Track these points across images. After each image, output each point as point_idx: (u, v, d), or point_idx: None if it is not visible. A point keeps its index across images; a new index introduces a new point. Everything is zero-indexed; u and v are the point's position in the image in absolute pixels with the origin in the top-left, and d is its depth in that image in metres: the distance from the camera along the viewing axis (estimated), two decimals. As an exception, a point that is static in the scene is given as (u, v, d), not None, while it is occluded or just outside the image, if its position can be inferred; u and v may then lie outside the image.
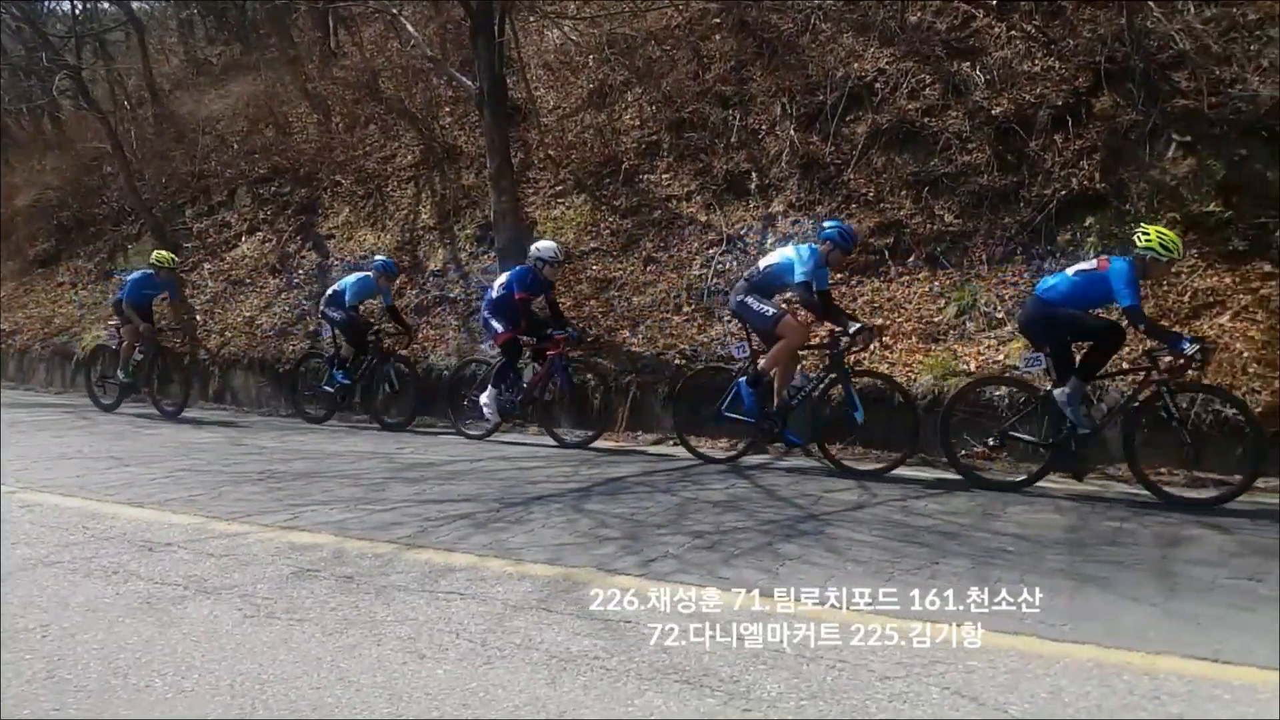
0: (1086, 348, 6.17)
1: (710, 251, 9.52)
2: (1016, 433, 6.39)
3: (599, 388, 8.66)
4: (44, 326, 14.73)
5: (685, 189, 10.17)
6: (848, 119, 9.45)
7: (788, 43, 10.34)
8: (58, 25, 21.25)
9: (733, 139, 10.08)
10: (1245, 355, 6.58)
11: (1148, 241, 5.84)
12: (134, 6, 19.48)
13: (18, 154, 19.43)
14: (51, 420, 10.30)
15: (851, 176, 9.16)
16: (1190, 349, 5.58)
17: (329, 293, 10.02)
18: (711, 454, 7.47)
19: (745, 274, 7.46)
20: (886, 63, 9.52)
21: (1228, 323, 6.86)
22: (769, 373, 7.03)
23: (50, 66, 17.03)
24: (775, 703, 2.89)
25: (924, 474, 6.71)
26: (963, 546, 4.72)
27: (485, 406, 8.51)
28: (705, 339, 8.78)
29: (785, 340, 6.89)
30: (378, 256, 10.39)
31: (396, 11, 12.76)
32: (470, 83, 10.53)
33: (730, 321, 8.73)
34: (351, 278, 9.89)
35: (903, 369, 7.59)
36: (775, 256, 7.11)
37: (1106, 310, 6.22)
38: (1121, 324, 6.10)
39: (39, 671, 3.19)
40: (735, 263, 9.28)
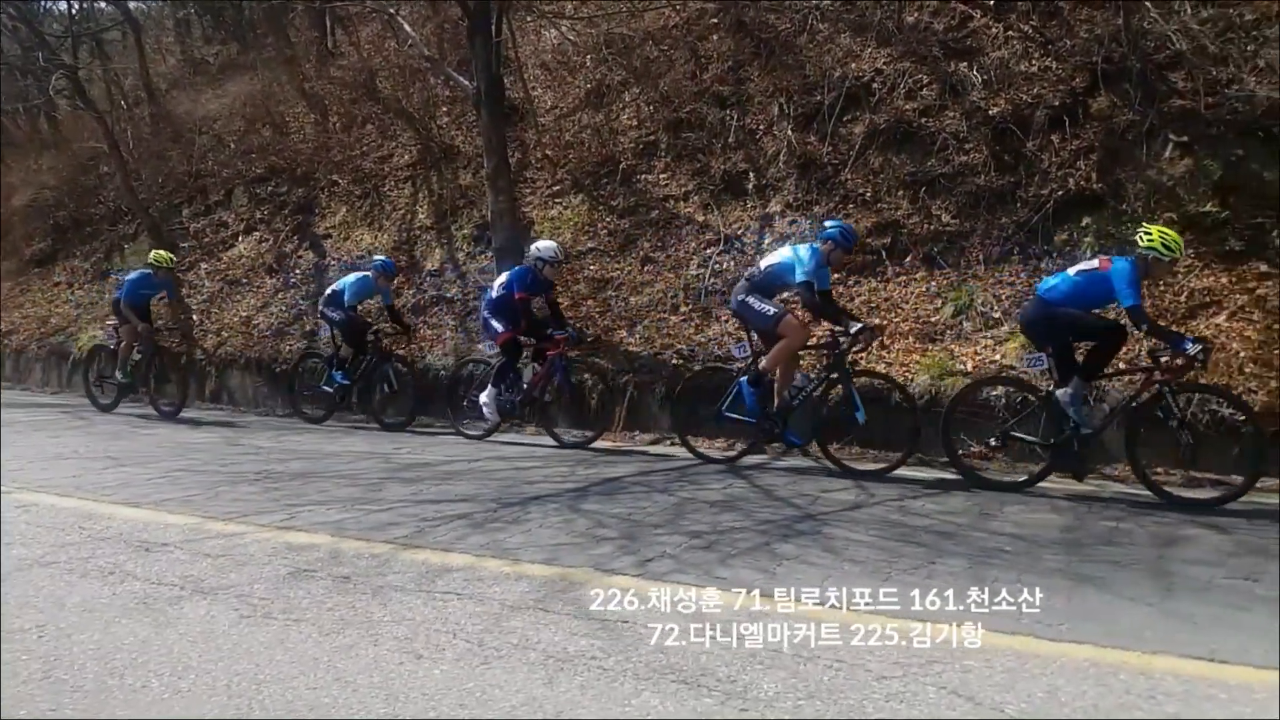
0: (1088, 348, 6.16)
1: (708, 251, 9.52)
2: (1018, 433, 6.37)
3: (597, 387, 8.65)
4: (40, 326, 14.69)
5: (683, 189, 10.18)
6: (845, 119, 9.46)
7: (785, 43, 10.35)
8: (54, 25, 21.21)
9: (730, 139, 10.09)
10: (1242, 355, 6.59)
11: (1150, 241, 5.82)
12: (130, 6, 19.44)
13: (14, 154, 19.37)
14: (48, 420, 10.28)
15: (849, 177, 9.16)
16: (1193, 349, 5.57)
17: (328, 292, 10.00)
18: (713, 455, 7.45)
19: (746, 274, 7.43)
20: (884, 63, 9.53)
21: (1224, 323, 6.87)
22: (770, 372, 7.02)
23: (47, 66, 17.01)
24: (772, 702, 2.89)
25: (926, 474, 6.70)
26: (960, 546, 4.72)
27: (485, 406, 8.50)
28: (702, 339, 8.77)
29: (787, 339, 6.88)
30: (377, 256, 10.36)
31: (394, 11, 12.73)
32: (467, 82, 10.52)
33: (727, 321, 8.73)
34: (350, 277, 9.87)
35: (899, 369, 7.59)
36: (777, 256, 7.08)
37: (1107, 310, 6.20)
38: (1123, 324, 6.09)
39: (35, 672, 3.18)
40: (733, 263, 9.29)
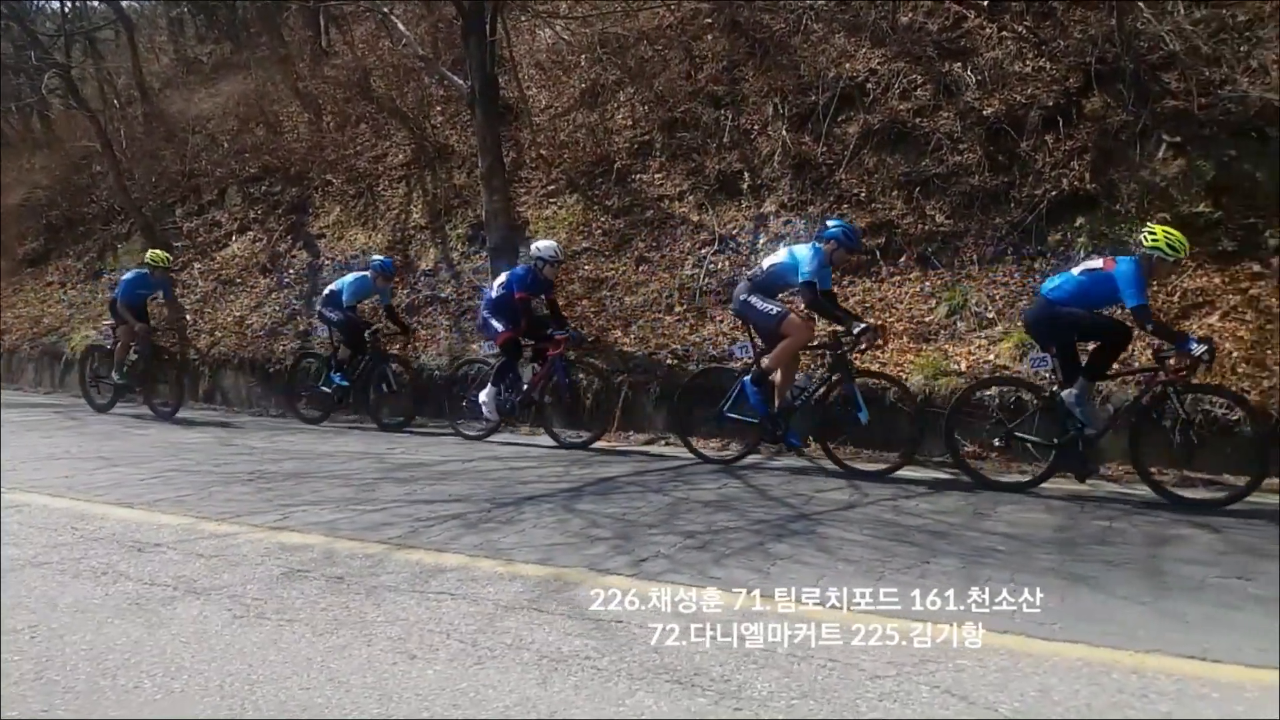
0: (1093, 348, 6.15)
1: (702, 251, 9.52)
2: (1022, 433, 6.34)
3: (596, 388, 8.61)
4: (33, 326, 14.65)
5: (677, 189, 10.18)
6: (839, 119, 9.47)
7: (780, 43, 10.35)
8: (47, 23, 21.17)
9: (725, 139, 10.09)
10: (1234, 355, 6.61)
11: (1154, 241, 5.78)
12: (123, 5, 19.44)
13: (7, 153, 19.30)
14: (40, 420, 10.24)
15: (843, 177, 9.17)
16: (1198, 349, 5.54)
17: (326, 292, 9.94)
18: (714, 455, 7.41)
19: (748, 274, 7.38)
20: (878, 63, 9.54)
21: (1217, 323, 6.89)
22: (773, 372, 6.99)
23: (39, 65, 16.99)
24: (766, 702, 2.89)
25: (929, 475, 6.68)
26: (953, 546, 4.73)
27: (484, 405, 8.45)
28: (697, 339, 8.77)
29: (791, 338, 6.82)
30: (375, 256, 10.29)
31: (388, 10, 12.73)
32: (462, 82, 10.51)
33: (722, 321, 8.74)
34: (349, 277, 9.82)
35: (894, 369, 7.59)
36: (779, 256, 7.00)
37: (1111, 311, 6.17)
38: (1128, 324, 6.07)
39: (27, 673, 3.17)
40: (727, 263, 9.29)
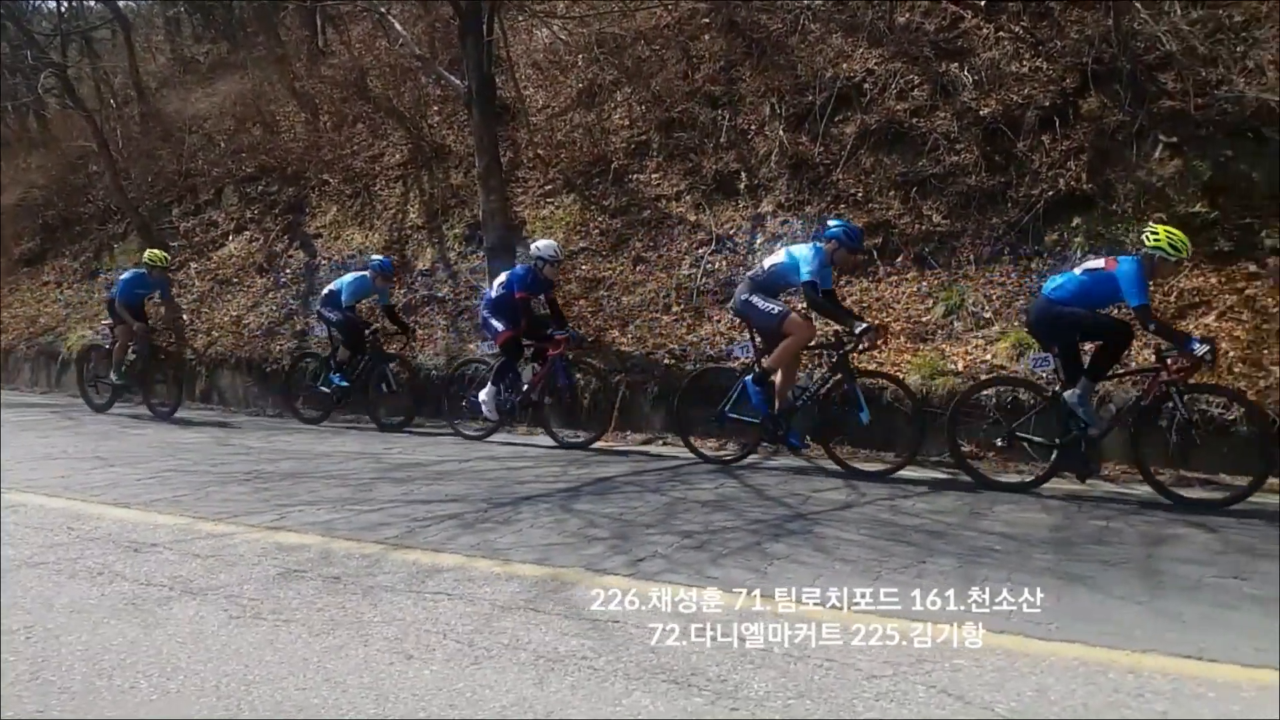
0: (1095, 348, 6.14)
1: (699, 251, 9.52)
2: (1024, 433, 6.33)
3: (593, 388, 8.58)
4: (29, 326, 14.63)
5: (674, 189, 10.18)
6: (836, 119, 9.48)
7: (777, 43, 10.36)
8: (43, 22, 21.14)
9: (722, 139, 10.09)
10: (1231, 355, 6.62)
11: (1156, 241, 5.76)
12: (120, 4, 19.42)
13: (3, 152, 19.27)
14: (37, 420, 10.23)
15: (840, 177, 9.18)
16: (1200, 349, 5.53)
17: (325, 292, 9.91)
18: (715, 456, 7.40)
19: (749, 273, 7.35)
20: (875, 63, 9.55)
21: (1213, 322, 6.90)
22: (774, 371, 6.96)
23: (36, 64, 16.92)
24: (762, 702, 2.89)
25: (928, 475, 6.68)
26: (950, 546, 4.73)
27: (484, 405, 8.42)
28: (694, 339, 8.78)
29: (793, 337, 6.79)
30: (375, 256, 10.26)
31: (385, 10, 12.71)
32: (459, 82, 10.50)
33: (719, 321, 8.75)
34: (348, 277, 9.79)
35: (891, 369, 7.59)
36: (780, 255, 6.97)
37: (1110, 310, 6.16)
38: (1130, 323, 6.07)
39: (23, 673, 3.16)
40: (724, 263, 9.30)
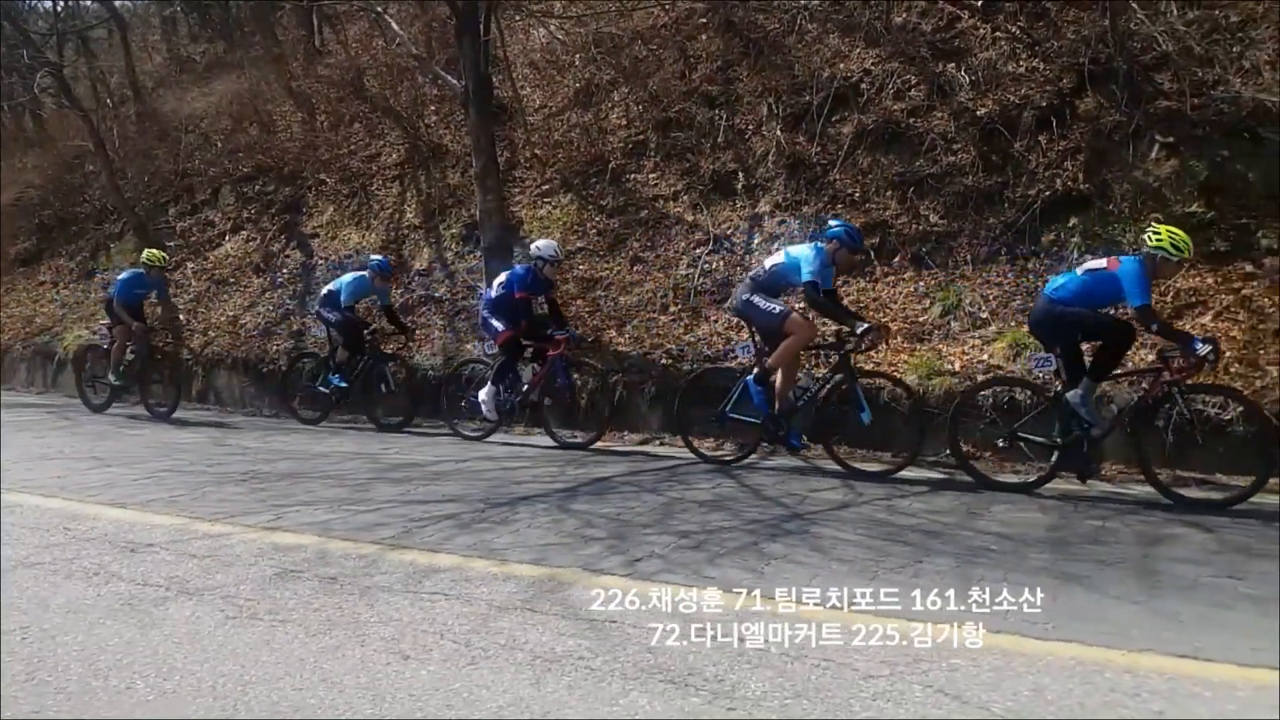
0: (1097, 348, 6.13)
1: (697, 251, 9.52)
2: (1026, 434, 6.32)
3: (591, 388, 8.57)
4: (26, 326, 14.59)
5: (672, 189, 10.18)
6: (834, 119, 9.48)
7: (774, 43, 10.36)
8: (39, 22, 21.10)
9: (719, 139, 10.09)
10: (1228, 355, 6.61)
11: (1158, 241, 5.75)
12: (116, 4, 19.40)
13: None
14: (33, 420, 10.21)
15: (837, 177, 9.18)
16: (1203, 349, 5.52)
17: (324, 292, 9.90)
18: (713, 455, 7.39)
19: (750, 274, 7.34)
20: (872, 63, 9.55)
21: (1210, 323, 6.91)
22: (775, 371, 6.95)
23: (32, 64, 16.91)
24: (760, 701, 2.89)
25: (928, 475, 6.67)
26: (947, 545, 4.74)
27: (484, 404, 8.41)
28: (692, 339, 8.78)
29: (793, 337, 6.78)
30: (374, 256, 10.24)
31: (381, 9, 12.70)
32: (456, 81, 10.50)
33: (717, 321, 8.75)
34: (347, 277, 9.77)
35: (888, 369, 7.60)
36: (780, 255, 6.96)
37: (1112, 310, 6.15)
38: (1131, 323, 6.06)
39: (19, 674, 3.16)
40: (722, 263, 9.30)
